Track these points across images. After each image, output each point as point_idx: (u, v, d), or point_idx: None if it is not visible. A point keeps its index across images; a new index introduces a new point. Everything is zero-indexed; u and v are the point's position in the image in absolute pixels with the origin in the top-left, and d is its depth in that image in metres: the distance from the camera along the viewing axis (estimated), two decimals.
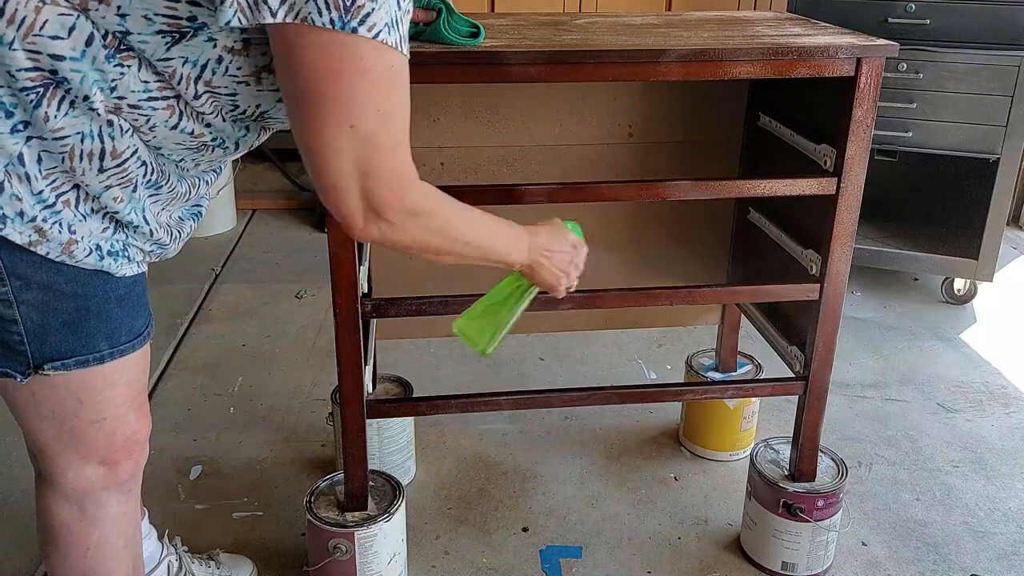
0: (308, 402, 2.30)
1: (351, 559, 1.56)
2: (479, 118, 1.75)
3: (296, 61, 0.93)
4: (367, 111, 0.95)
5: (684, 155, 1.84)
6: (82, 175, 1.01)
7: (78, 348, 1.09)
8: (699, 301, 1.78)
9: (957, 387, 2.46)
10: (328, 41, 0.91)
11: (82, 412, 1.14)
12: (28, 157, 0.98)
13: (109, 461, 1.19)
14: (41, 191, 1.00)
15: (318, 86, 0.93)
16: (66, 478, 1.19)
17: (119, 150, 1.02)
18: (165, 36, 0.96)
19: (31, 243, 1.01)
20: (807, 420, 1.66)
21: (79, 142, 0.99)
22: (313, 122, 0.95)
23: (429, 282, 1.84)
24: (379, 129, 0.97)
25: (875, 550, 1.83)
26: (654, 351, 2.61)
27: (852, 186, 1.49)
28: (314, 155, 0.97)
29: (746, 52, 1.39)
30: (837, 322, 1.59)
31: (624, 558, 1.80)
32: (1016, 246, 3.42)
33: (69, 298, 1.06)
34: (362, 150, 0.97)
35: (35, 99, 0.95)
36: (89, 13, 0.94)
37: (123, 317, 1.13)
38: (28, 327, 1.05)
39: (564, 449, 2.14)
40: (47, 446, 1.17)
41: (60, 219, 1.02)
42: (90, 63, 0.95)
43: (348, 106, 0.95)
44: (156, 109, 1.01)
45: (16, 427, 1.13)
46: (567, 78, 1.40)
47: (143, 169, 1.06)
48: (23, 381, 1.09)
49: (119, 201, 1.06)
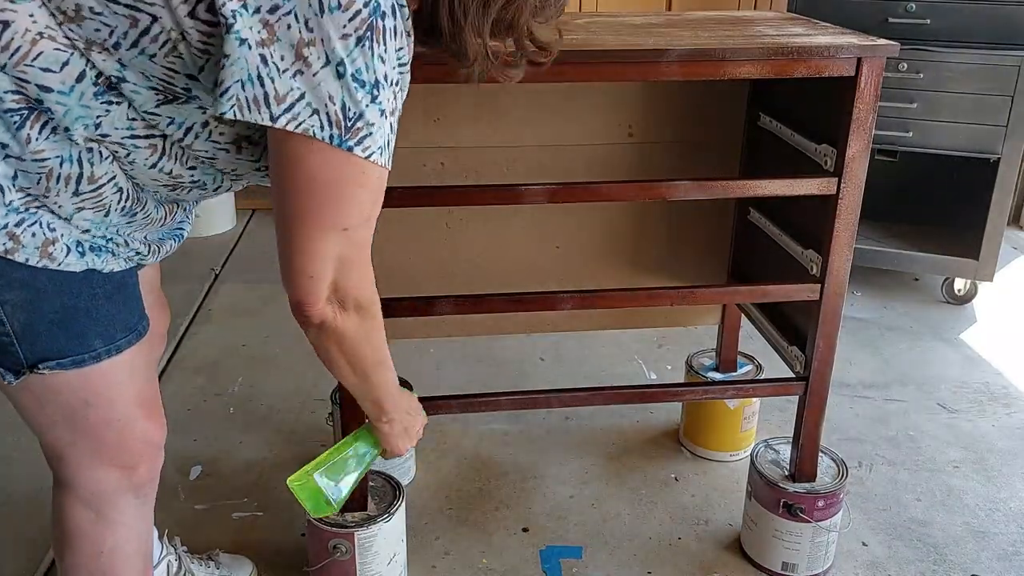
0: (308, 402, 2.30)
1: (351, 559, 1.56)
2: (479, 118, 1.75)
3: (295, 165, 0.97)
4: (359, 216, 1.03)
5: (684, 155, 1.84)
6: (56, 196, 1.01)
7: (71, 347, 1.08)
8: (699, 301, 1.78)
9: (958, 387, 2.46)
10: (329, 154, 0.96)
11: (91, 413, 1.13)
12: (3, 171, 0.98)
13: (125, 464, 1.19)
14: (11, 201, 0.99)
15: (318, 193, 0.99)
16: (82, 481, 1.18)
17: (96, 175, 1.02)
18: (158, 94, 0.98)
19: (7, 251, 0.99)
20: (807, 420, 1.66)
21: (58, 165, 0.99)
22: (307, 222, 1.00)
23: (429, 282, 1.84)
24: (362, 228, 1.04)
25: (875, 550, 1.83)
26: (654, 351, 2.61)
27: (852, 186, 1.49)
28: (300, 250, 1.02)
29: (746, 52, 1.39)
30: (837, 322, 1.59)
31: (624, 558, 1.80)
32: (1016, 246, 3.42)
33: (54, 296, 1.05)
34: (346, 248, 1.04)
35: (19, 121, 0.95)
36: (91, 55, 0.94)
37: (115, 313, 1.11)
38: (15, 327, 1.04)
39: (564, 449, 2.14)
40: (63, 450, 1.16)
41: (38, 219, 1.01)
42: (77, 99, 0.96)
43: (345, 212, 1.01)
44: (138, 147, 1.02)
45: (16, 427, 1.13)
46: (567, 78, 1.40)
47: (118, 195, 1.06)
48: (15, 381, 1.08)
49: (88, 222, 1.06)
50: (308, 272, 1.04)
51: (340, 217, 1.01)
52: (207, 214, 3.43)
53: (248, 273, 3.13)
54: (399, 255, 1.83)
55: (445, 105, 1.72)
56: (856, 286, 3.01)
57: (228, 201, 3.55)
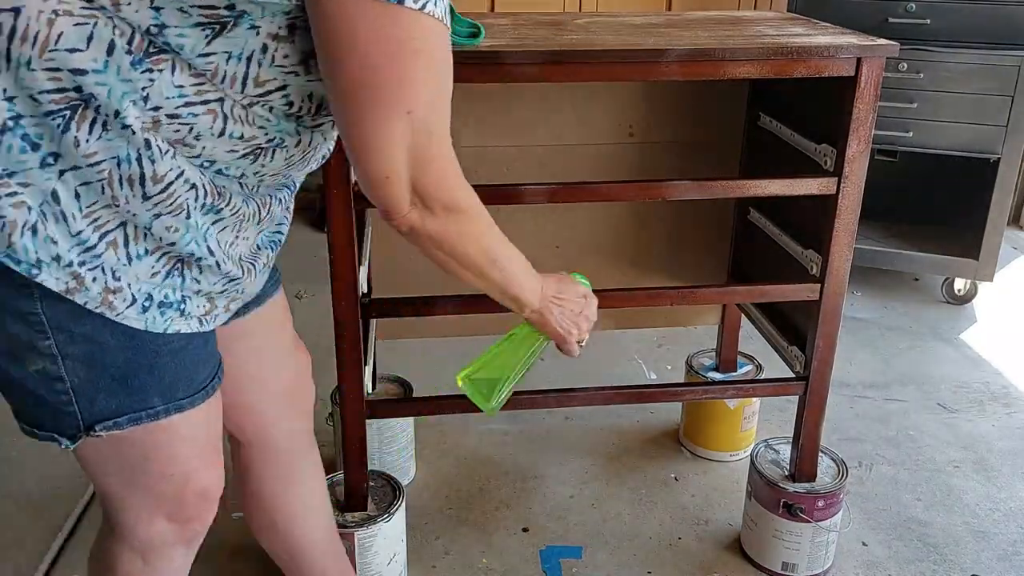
0: None
1: (351, 559, 1.56)
2: (479, 118, 1.75)
3: (347, 38, 0.87)
4: (422, 93, 0.92)
5: (684, 155, 1.84)
6: (126, 204, 0.93)
7: (129, 404, 1.01)
8: (699, 301, 1.78)
9: (957, 387, 2.46)
10: (379, 14, 0.86)
11: (149, 468, 1.08)
12: (64, 193, 0.90)
13: (179, 518, 1.14)
14: (80, 231, 0.92)
15: (373, 69, 0.89)
16: (134, 531, 1.13)
17: (160, 174, 0.93)
18: (204, 28, 0.88)
19: (68, 290, 0.92)
20: (807, 420, 1.66)
21: (115, 167, 0.91)
22: (366, 111, 0.91)
23: (429, 282, 1.84)
24: (431, 115, 0.94)
25: (875, 550, 1.83)
26: (654, 351, 2.61)
27: (852, 186, 1.49)
28: (368, 146, 0.93)
29: (746, 52, 1.39)
30: (837, 322, 1.59)
31: (624, 558, 1.80)
32: (1016, 246, 3.42)
33: (117, 351, 0.98)
34: (416, 137, 0.94)
35: (62, 123, 0.88)
36: (121, 9, 0.87)
37: (178, 371, 1.03)
38: (75, 384, 0.98)
39: (564, 449, 2.14)
40: (116, 500, 1.11)
41: (101, 263, 0.94)
42: (115, 73, 0.88)
43: (406, 88, 0.91)
44: (197, 116, 0.92)
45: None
46: (567, 78, 1.40)
47: (193, 193, 0.96)
48: (72, 446, 1.02)
49: (174, 231, 0.96)
50: (382, 173, 0.95)
51: (400, 95, 0.90)
52: None
53: None
54: (399, 255, 1.83)
55: None
56: (856, 286, 3.01)
57: None
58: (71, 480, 1.98)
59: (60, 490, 1.95)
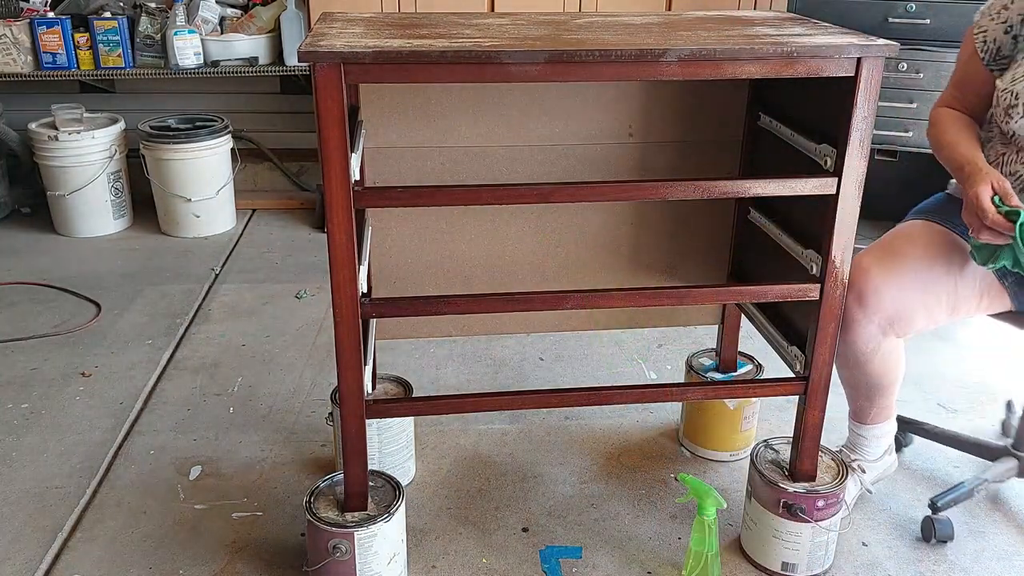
0: (308, 402, 2.30)
1: (351, 559, 1.56)
2: (479, 118, 1.75)
3: None
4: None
5: (684, 155, 1.84)
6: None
7: None
8: (699, 301, 1.78)
9: (957, 387, 2.46)
10: None
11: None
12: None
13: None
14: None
15: None
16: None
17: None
18: None
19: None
20: (807, 420, 1.66)
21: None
22: None
23: (429, 282, 1.84)
24: None
25: (875, 550, 1.83)
26: (654, 351, 2.61)
27: (852, 186, 1.49)
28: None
29: (746, 52, 1.39)
30: (837, 322, 1.59)
31: (624, 558, 1.80)
32: None
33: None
34: None
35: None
36: None
37: None
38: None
39: (564, 449, 2.14)
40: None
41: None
42: None
43: None
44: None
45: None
46: (567, 78, 1.40)
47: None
48: None
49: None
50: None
51: None
52: (207, 214, 3.44)
53: (248, 273, 3.13)
54: (399, 255, 1.83)
55: (446, 105, 1.72)
56: None
57: (228, 201, 3.56)
58: (71, 480, 1.98)
59: (60, 490, 1.95)
